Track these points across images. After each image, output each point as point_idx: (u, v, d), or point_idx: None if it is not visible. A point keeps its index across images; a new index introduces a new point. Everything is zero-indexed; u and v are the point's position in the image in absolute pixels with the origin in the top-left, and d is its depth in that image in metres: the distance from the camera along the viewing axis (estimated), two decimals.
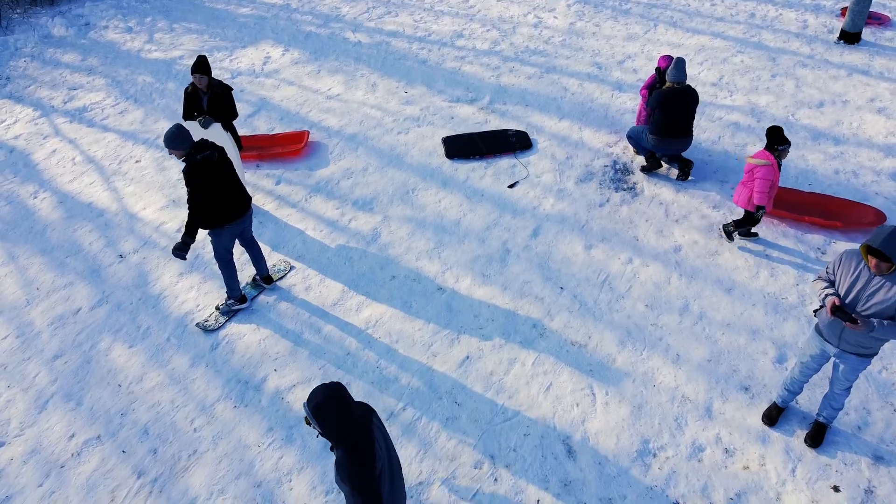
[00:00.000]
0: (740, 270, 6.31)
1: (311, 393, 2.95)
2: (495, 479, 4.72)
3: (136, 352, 5.75)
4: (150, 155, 8.26)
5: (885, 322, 3.94)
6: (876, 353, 4.25)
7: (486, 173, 7.68)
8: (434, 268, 6.43)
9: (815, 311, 4.37)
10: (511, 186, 7.43)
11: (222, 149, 5.33)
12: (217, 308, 5.98)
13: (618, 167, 7.72)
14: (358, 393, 5.30)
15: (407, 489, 4.65)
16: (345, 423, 2.93)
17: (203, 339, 5.81)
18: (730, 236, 6.57)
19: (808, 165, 7.70)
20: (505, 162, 7.86)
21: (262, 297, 6.18)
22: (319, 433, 2.98)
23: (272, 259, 6.58)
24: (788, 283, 6.14)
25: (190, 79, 9.92)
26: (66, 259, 6.75)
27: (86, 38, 11.76)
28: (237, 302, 5.93)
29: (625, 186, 7.41)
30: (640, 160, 7.79)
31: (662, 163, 7.59)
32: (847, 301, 4.06)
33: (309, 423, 3.03)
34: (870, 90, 9.16)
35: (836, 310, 4.00)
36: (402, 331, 5.81)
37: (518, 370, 5.46)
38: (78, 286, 6.43)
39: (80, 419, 5.24)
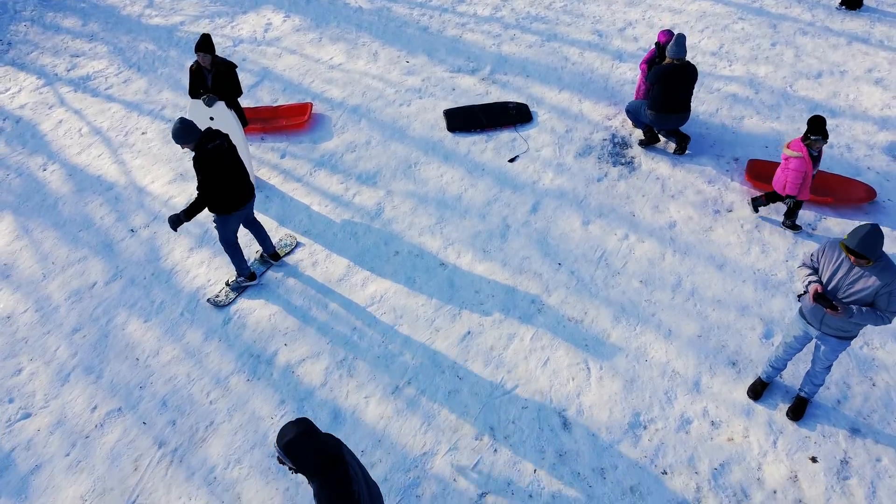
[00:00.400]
0: (732, 247, 6.52)
1: (279, 432, 3.06)
2: (495, 451, 5.03)
3: (152, 326, 6.01)
4: (156, 127, 8.37)
5: (864, 309, 4.17)
6: (855, 336, 4.50)
7: (486, 147, 7.82)
8: (436, 243, 6.64)
9: (799, 297, 4.60)
10: (511, 161, 7.58)
11: (228, 136, 5.47)
12: (227, 284, 6.21)
13: (616, 141, 7.85)
14: (364, 368, 5.58)
15: (410, 461, 4.96)
16: (317, 456, 3.04)
17: (215, 314, 6.06)
18: (755, 208, 6.74)
19: None
20: (505, 135, 7.99)
21: (270, 272, 6.41)
22: (293, 469, 3.08)
23: (279, 234, 6.78)
24: (778, 260, 6.36)
25: (191, 50, 9.94)
26: (79, 233, 6.95)
27: (85, 1, 11.70)
28: (247, 279, 6.16)
29: (623, 161, 7.57)
30: (639, 134, 7.92)
31: (660, 137, 7.73)
32: (829, 288, 4.29)
33: (282, 462, 3.13)
34: (868, 60, 9.22)
35: (818, 297, 4.24)
36: (405, 306, 6.06)
37: (517, 345, 5.73)
38: (92, 261, 6.65)
39: (101, 392, 5.52)
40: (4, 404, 5.47)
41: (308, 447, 3.02)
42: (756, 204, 6.72)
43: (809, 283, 4.34)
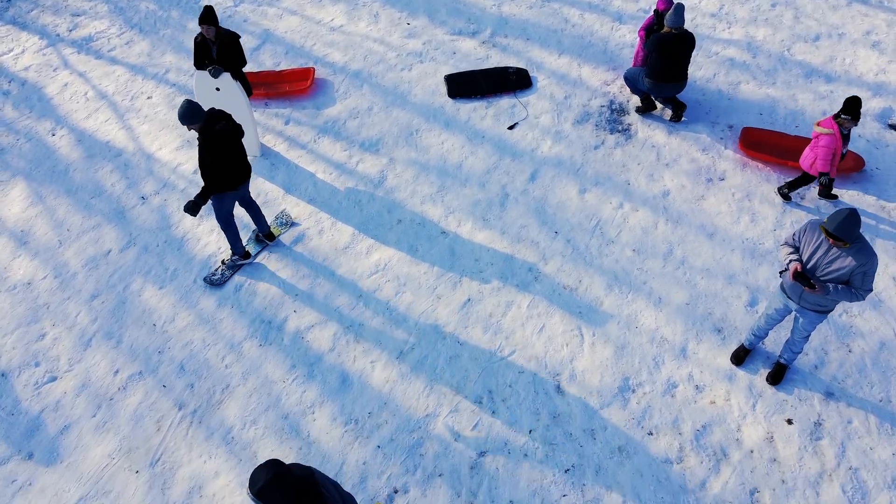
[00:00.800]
0: (723, 216, 6.77)
1: (250, 479, 3.09)
2: (493, 412, 5.39)
3: (166, 293, 6.30)
4: (161, 91, 8.49)
5: (840, 287, 4.46)
6: (831, 310, 4.81)
7: (486, 113, 7.97)
8: (438, 212, 6.88)
9: (781, 273, 4.88)
10: (511, 128, 7.75)
11: (231, 117, 5.63)
12: (223, 262, 6.45)
13: (614, 108, 8.00)
14: (370, 334, 5.90)
15: (414, 422, 5.33)
16: (291, 493, 3.11)
17: (230, 283, 6.34)
18: (785, 197, 6.87)
19: (797, 106, 7.99)
20: (505, 102, 8.13)
21: (279, 240, 6.66)
22: None
23: (285, 202, 7.01)
24: (766, 229, 6.62)
25: (193, 10, 9.94)
26: (91, 200, 7.18)
27: None
28: (241, 258, 6.39)
29: (619, 128, 7.74)
30: (636, 100, 8.06)
31: (657, 104, 7.88)
32: (808, 266, 4.57)
33: None
34: (867, 21, 9.27)
35: (797, 275, 4.52)
36: (409, 274, 6.34)
37: (514, 312, 6.04)
38: (105, 228, 6.90)
39: (122, 356, 5.86)
40: (31, 368, 5.81)
41: (281, 488, 3.08)
42: (782, 192, 6.86)
43: (790, 261, 4.62)
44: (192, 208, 5.64)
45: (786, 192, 6.81)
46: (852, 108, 6.01)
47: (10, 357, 5.88)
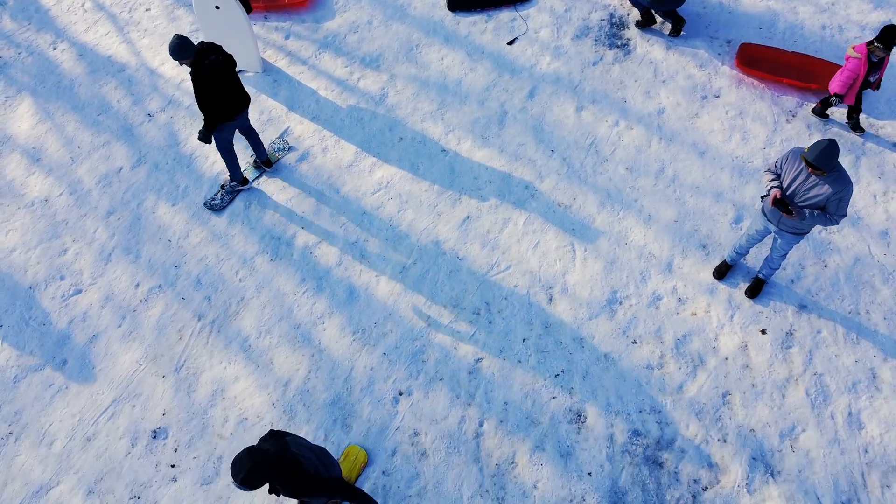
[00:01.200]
0: (715, 133, 6.97)
1: (232, 471, 3.49)
2: (489, 322, 5.82)
3: (179, 210, 6.60)
4: (159, 3, 8.44)
5: (815, 213, 4.77)
6: (807, 233, 5.13)
7: (486, 27, 7.98)
8: (438, 130, 7.07)
9: (762, 198, 5.17)
10: (510, 43, 7.79)
11: (222, 49, 5.67)
12: (222, 187, 6.67)
13: (614, 21, 8.01)
14: (375, 249, 6.24)
15: (417, 331, 5.77)
16: (271, 473, 3.53)
17: (238, 200, 6.62)
18: (822, 115, 6.95)
19: (797, 19, 7.99)
20: (505, 15, 8.12)
21: (285, 158, 6.89)
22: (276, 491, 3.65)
23: (289, 120, 7.18)
24: (756, 147, 6.84)
25: None
26: (99, 117, 7.34)
27: None
28: (239, 184, 6.61)
29: (619, 43, 7.78)
30: (636, 14, 8.05)
31: (657, 18, 7.88)
32: (788, 193, 4.85)
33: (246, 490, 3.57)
34: None
35: (776, 202, 4.81)
36: (410, 192, 6.62)
37: (511, 229, 6.36)
38: (115, 145, 7.10)
39: (141, 270, 6.23)
40: (57, 281, 6.19)
41: (262, 471, 3.49)
42: (819, 113, 6.95)
43: (771, 188, 4.89)
44: (205, 138, 5.85)
45: (820, 111, 6.96)
46: (885, 36, 6.05)
47: (35, 271, 6.25)
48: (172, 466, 5.24)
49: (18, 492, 5.19)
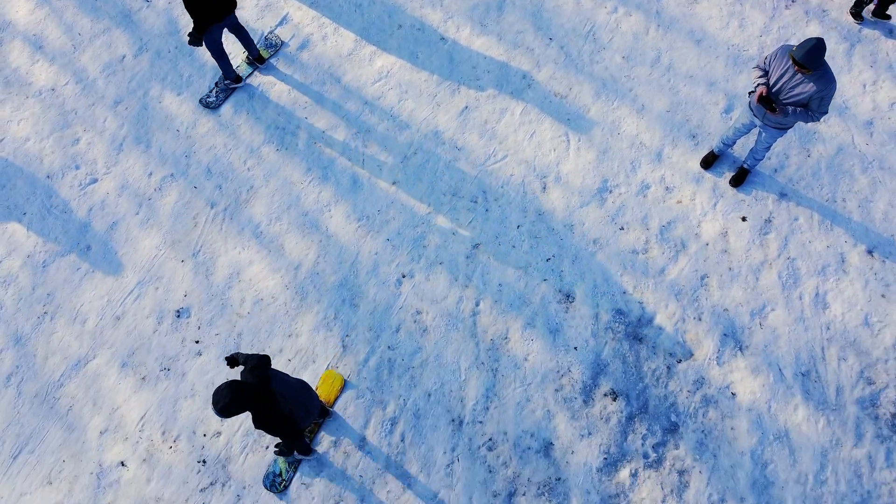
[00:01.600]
0: (713, 20, 6.99)
1: (213, 400, 3.86)
2: (486, 210, 6.17)
3: (184, 99, 6.76)
4: None
5: (798, 110, 4.99)
6: (790, 127, 5.36)
7: None
8: (437, 17, 7.08)
9: (750, 93, 5.35)
10: None
11: None
12: (216, 85, 6.74)
13: None
14: (376, 139, 6.48)
15: (418, 218, 6.13)
16: (245, 405, 3.91)
17: (241, 90, 6.77)
18: (857, 17, 6.85)
19: None
20: None
21: (286, 48, 6.95)
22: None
23: (287, 6, 7.16)
24: (753, 35, 6.90)
25: None
26: (97, 2, 7.31)
27: None
28: (233, 82, 6.69)
29: None
30: None
31: None
32: (774, 89, 5.04)
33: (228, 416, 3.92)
34: None
35: (762, 99, 5.01)
36: (410, 81, 6.75)
37: (508, 119, 6.56)
38: (115, 32, 7.13)
39: (152, 160, 6.49)
40: (72, 170, 6.47)
41: (239, 402, 3.87)
42: (855, 13, 6.84)
43: (758, 84, 5.08)
44: (196, 41, 5.92)
45: (856, 12, 6.90)
46: None
47: (51, 160, 6.51)
48: (197, 342, 5.77)
49: (59, 364, 5.75)
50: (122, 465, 5.39)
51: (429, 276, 5.94)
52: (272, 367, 5.13)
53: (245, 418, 5.49)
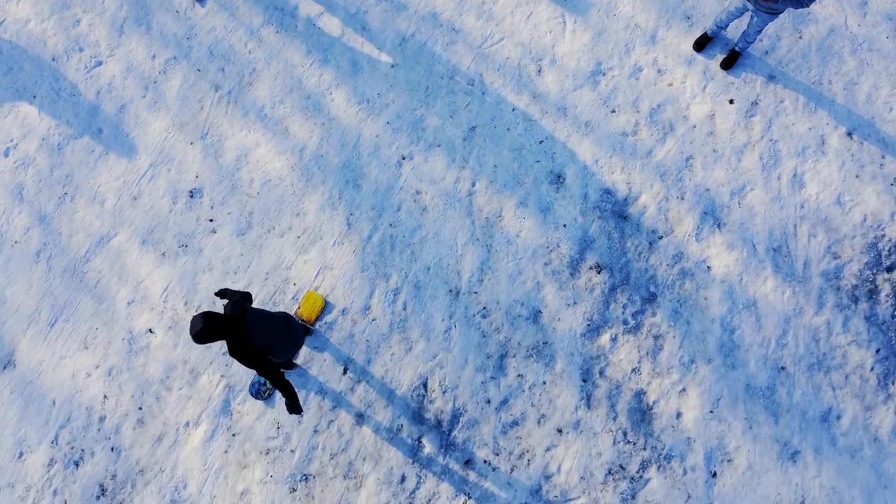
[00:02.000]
0: None
1: (190, 326, 4.12)
2: (483, 93, 6.37)
3: None
4: None
5: None
6: (782, 12, 5.46)
7: None
8: None
9: None
10: None
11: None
12: None
13: None
14: (375, 21, 6.54)
15: (416, 101, 6.33)
16: (217, 334, 4.12)
17: None
18: None
19: None
20: None
21: None
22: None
23: None
24: None
25: None
26: None
27: None
28: None
29: None
30: None
31: None
32: None
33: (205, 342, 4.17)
34: None
35: None
36: None
37: (505, 0, 6.60)
38: None
39: (155, 42, 6.59)
40: (77, 53, 6.59)
41: (214, 330, 4.12)
42: None
43: None
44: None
45: None
46: None
47: (55, 42, 6.61)
48: (211, 220, 6.16)
49: (83, 242, 6.17)
50: (150, 331, 5.95)
51: (427, 158, 6.24)
52: (253, 305, 5.52)
53: None
